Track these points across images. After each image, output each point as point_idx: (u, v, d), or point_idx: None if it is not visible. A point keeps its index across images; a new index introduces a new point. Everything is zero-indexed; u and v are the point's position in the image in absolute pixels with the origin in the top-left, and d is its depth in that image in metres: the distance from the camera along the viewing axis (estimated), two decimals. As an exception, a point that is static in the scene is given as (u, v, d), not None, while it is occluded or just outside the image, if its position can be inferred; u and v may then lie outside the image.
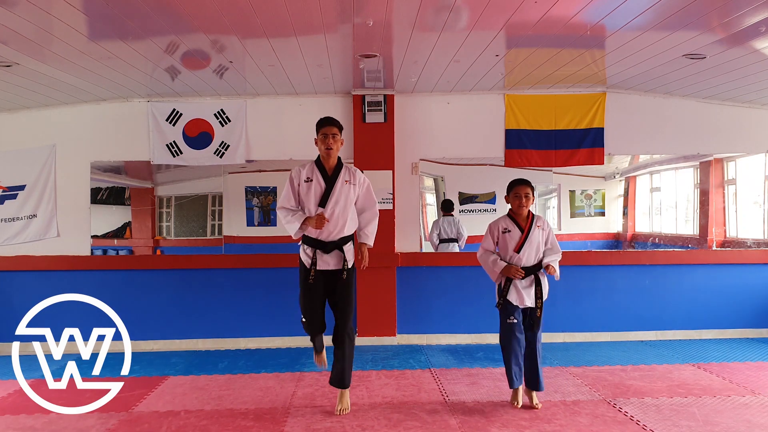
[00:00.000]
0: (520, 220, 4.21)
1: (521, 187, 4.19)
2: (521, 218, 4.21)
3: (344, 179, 4.10)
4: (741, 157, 6.51)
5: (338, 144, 4.12)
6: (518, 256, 4.15)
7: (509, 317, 4.15)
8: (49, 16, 3.67)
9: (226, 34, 4.25)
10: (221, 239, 6.29)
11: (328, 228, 4.06)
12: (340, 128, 4.16)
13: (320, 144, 4.12)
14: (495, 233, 4.26)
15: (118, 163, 6.27)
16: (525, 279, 4.15)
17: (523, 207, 4.18)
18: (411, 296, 6.16)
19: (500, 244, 4.25)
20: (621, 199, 6.89)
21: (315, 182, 4.09)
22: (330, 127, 4.10)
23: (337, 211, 4.06)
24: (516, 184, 4.22)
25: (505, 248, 4.21)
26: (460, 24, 4.10)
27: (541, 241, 4.21)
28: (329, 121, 4.12)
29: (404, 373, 5.06)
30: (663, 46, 4.47)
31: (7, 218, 6.12)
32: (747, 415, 3.97)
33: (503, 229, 4.22)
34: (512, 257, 4.17)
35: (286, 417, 4.05)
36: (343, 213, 4.09)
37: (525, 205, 4.17)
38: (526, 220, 4.20)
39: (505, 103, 6.23)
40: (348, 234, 4.14)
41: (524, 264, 4.15)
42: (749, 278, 6.26)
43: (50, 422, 3.99)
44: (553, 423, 3.88)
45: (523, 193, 4.17)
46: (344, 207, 4.09)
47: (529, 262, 4.16)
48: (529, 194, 4.17)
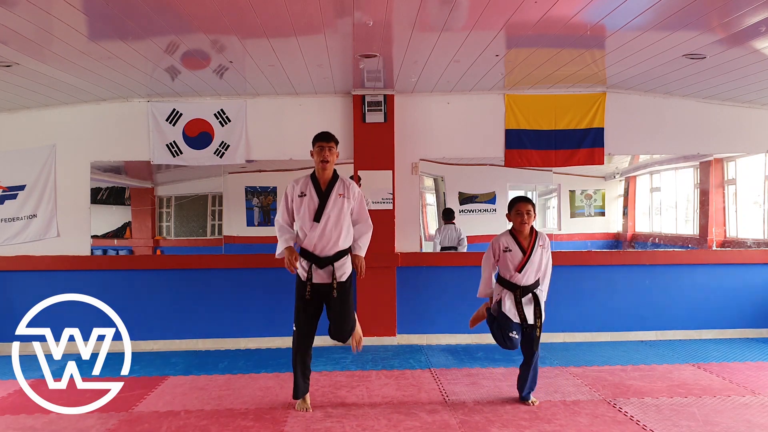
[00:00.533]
0: (521, 238, 4.19)
1: (522, 204, 4.17)
2: (523, 236, 4.20)
3: (338, 193, 4.12)
4: (741, 157, 6.51)
5: (334, 157, 4.16)
6: (519, 276, 4.14)
7: (510, 331, 4.12)
8: (49, 16, 3.67)
9: (226, 34, 4.25)
10: (221, 239, 6.29)
11: (321, 243, 4.07)
12: (336, 142, 4.20)
13: (316, 156, 4.15)
14: (496, 251, 4.25)
15: (118, 163, 6.27)
16: (525, 297, 4.16)
17: (525, 224, 4.17)
18: (411, 296, 6.16)
19: (501, 262, 4.22)
20: (621, 199, 6.89)
21: (308, 197, 4.11)
22: (326, 141, 4.15)
23: (329, 226, 4.07)
24: (517, 201, 4.21)
25: (505, 266, 4.19)
26: (460, 24, 4.10)
27: (543, 261, 4.20)
28: (325, 136, 4.18)
29: (404, 373, 5.06)
30: (663, 46, 4.47)
31: (7, 218, 6.12)
32: (747, 415, 3.97)
33: (504, 248, 4.20)
34: (513, 276, 4.15)
35: (286, 417, 4.05)
36: (336, 227, 4.09)
37: (527, 222, 4.17)
38: (528, 238, 4.19)
39: (505, 103, 6.23)
40: (343, 248, 4.13)
41: (524, 283, 4.15)
42: (749, 278, 6.26)
43: (50, 422, 4.00)
44: (553, 423, 3.88)
45: (525, 210, 4.16)
46: (336, 221, 4.09)
47: (529, 282, 4.16)
48: (530, 211, 4.16)
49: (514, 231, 4.24)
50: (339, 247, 4.11)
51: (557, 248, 6.39)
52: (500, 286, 4.22)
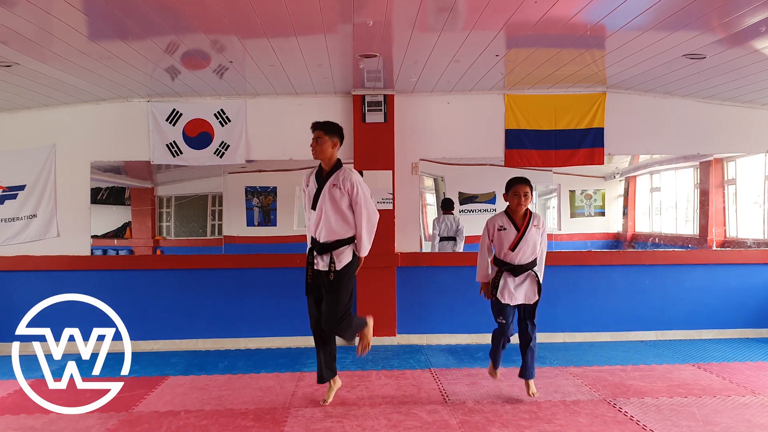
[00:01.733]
0: (516, 218, 4.25)
1: (520, 185, 4.22)
2: (518, 216, 4.25)
3: (332, 183, 4.16)
4: (741, 157, 6.51)
5: (322, 146, 4.18)
6: (513, 254, 4.18)
7: (498, 317, 4.23)
8: (49, 16, 3.67)
9: (226, 34, 4.25)
10: (221, 239, 6.29)
11: (318, 229, 4.17)
12: (327, 130, 4.21)
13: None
14: (491, 230, 4.31)
15: (118, 163, 6.27)
16: (518, 276, 4.19)
17: (522, 205, 4.22)
18: (411, 296, 6.16)
19: (495, 241, 4.29)
20: (621, 199, 6.89)
21: (311, 185, 4.29)
22: (313, 129, 4.23)
23: (324, 215, 4.14)
24: (515, 182, 4.26)
25: (500, 245, 4.26)
26: (460, 24, 4.10)
27: (538, 240, 4.24)
28: (313, 125, 4.26)
29: (404, 373, 5.07)
30: (663, 46, 4.47)
31: (7, 218, 6.12)
32: (747, 415, 3.97)
33: (499, 227, 4.26)
34: (507, 255, 4.21)
35: (286, 417, 4.05)
36: (330, 216, 4.12)
37: (524, 203, 4.21)
38: (523, 219, 4.23)
39: (505, 103, 6.23)
40: (341, 237, 4.15)
41: (519, 262, 4.19)
42: (749, 278, 6.26)
43: (50, 422, 4.00)
44: (553, 423, 3.88)
45: (522, 191, 4.20)
46: (330, 210, 4.13)
47: (524, 260, 4.20)
48: (528, 193, 4.21)
49: (509, 210, 4.29)
50: (337, 236, 4.14)
51: (557, 248, 6.40)
52: (495, 267, 4.27)
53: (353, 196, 4.13)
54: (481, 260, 4.38)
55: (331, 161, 4.22)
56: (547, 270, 4.40)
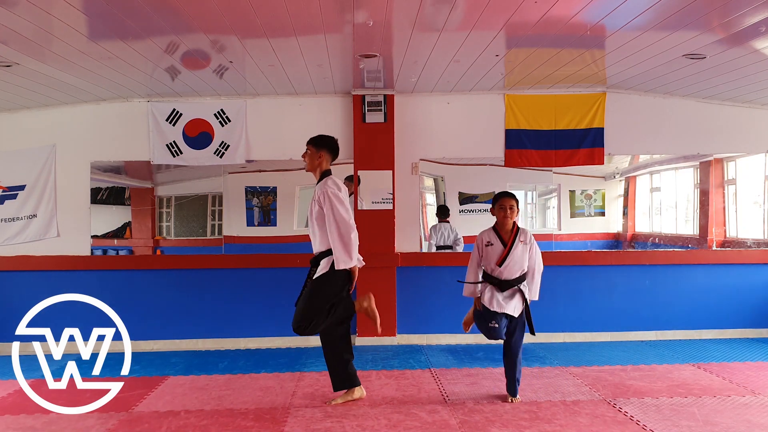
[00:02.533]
0: (503, 232, 4.26)
1: (505, 199, 4.25)
2: (505, 231, 4.26)
3: (313, 196, 4.25)
4: (741, 157, 6.51)
5: (309, 159, 4.31)
6: (500, 269, 4.20)
7: (490, 321, 4.18)
8: (49, 16, 3.67)
9: (226, 34, 4.25)
10: (221, 239, 6.29)
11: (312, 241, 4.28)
12: (315, 143, 4.31)
13: None
14: (480, 246, 4.34)
15: (118, 163, 6.27)
16: (506, 291, 4.20)
17: (508, 218, 4.24)
18: (411, 296, 6.16)
19: (483, 256, 4.31)
20: (621, 199, 6.89)
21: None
22: (306, 144, 4.34)
23: (311, 229, 4.27)
24: (500, 196, 4.30)
25: (488, 261, 4.28)
26: (460, 24, 4.10)
27: (525, 256, 4.24)
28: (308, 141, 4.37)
29: (404, 373, 5.07)
30: (663, 46, 4.47)
31: (7, 218, 6.12)
32: (747, 415, 3.97)
33: (486, 242, 4.29)
34: (494, 270, 4.23)
35: (286, 417, 4.05)
36: (314, 229, 4.23)
37: (509, 217, 4.23)
38: (510, 233, 4.25)
39: (505, 103, 6.23)
40: (320, 250, 4.19)
41: (506, 277, 4.20)
42: (749, 278, 6.26)
43: (50, 422, 3.99)
44: (553, 423, 3.88)
45: (508, 205, 4.23)
46: (313, 223, 4.23)
47: (511, 276, 4.21)
48: (513, 206, 4.23)
49: (496, 226, 4.31)
50: (321, 247, 4.20)
51: (557, 248, 6.41)
52: (485, 283, 4.28)
53: (324, 207, 4.13)
54: (469, 275, 4.37)
55: (318, 173, 4.29)
56: (547, 270, 4.40)
